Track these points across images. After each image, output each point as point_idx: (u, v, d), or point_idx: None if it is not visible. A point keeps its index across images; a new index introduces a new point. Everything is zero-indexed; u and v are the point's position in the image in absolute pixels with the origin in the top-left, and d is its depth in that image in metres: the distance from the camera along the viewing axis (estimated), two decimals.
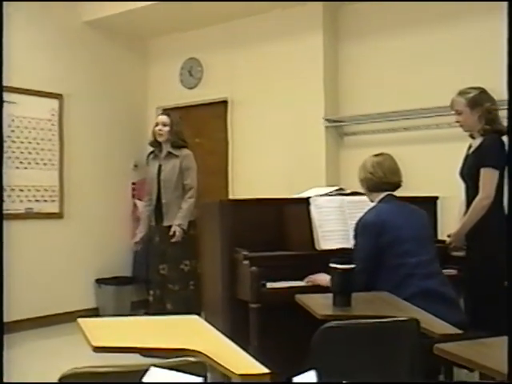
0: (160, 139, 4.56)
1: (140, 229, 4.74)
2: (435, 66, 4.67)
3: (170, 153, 4.56)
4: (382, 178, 3.00)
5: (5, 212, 4.94)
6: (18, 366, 3.93)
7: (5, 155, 5.11)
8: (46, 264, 5.42)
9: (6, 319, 4.65)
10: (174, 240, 4.41)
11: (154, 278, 4.59)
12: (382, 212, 2.93)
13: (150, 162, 4.70)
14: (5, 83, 5.06)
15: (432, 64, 4.69)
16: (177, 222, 4.43)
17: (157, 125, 4.59)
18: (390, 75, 4.92)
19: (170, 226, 4.47)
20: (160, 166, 4.58)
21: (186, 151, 4.58)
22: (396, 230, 2.86)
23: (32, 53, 5.42)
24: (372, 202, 3.08)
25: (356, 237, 2.95)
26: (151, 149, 4.78)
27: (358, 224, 2.95)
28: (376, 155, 3.09)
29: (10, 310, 4.64)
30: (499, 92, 3.09)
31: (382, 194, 3.01)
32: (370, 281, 2.86)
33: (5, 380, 1.68)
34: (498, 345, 1.59)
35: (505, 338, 1.52)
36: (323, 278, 3.01)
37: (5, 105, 4.98)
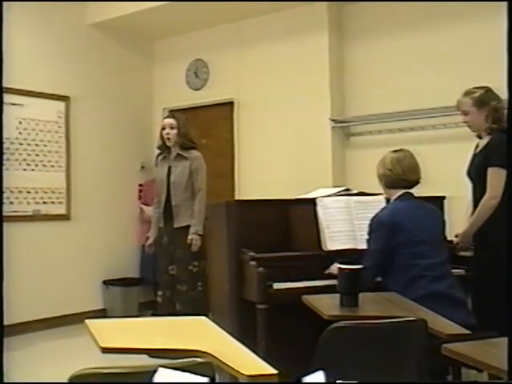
0: (169, 144, 4.54)
1: (151, 232, 4.71)
2: (441, 66, 4.66)
3: (179, 155, 4.53)
4: (401, 175, 2.99)
5: (12, 214, 4.98)
6: (26, 367, 3.95)
7: (12, 157, 5.14)
8: (54, 265, 5.43)
9: (13, 321, 4.68)
10: (193, 250, 4.39)
11: (163, 278, 4.57)
12: (398, 211, 2.93)
13: (159, 163, 4.67)
14: (11, 85, 5.08)
15: (438, 63, 4.68)
16: (192, 229, 4.40)
17: (164, 128, 4.55)
18: (396, 75, 4.91)
19: (179, 228, 4.45)
20: (170, 168, 4.55)
21: (195, 153, 4.55)
22: (410, 231, 2.86)
23: (38, 55, 5.44)
24: (389, 199, 3.08)
25: (370, 233, 2.95)
26: (158, 150, 4.78)
27: (372, 220, 2.95)
28: (395, 151, 3.07)
29: (18, 312, 4.69)
30: (504, 92, 3.07)
31: (400, 192, 3.01)
32: (380, 278, 2.85)
33: (13, 380, 1.69)
34: (505, 345, 1.59)
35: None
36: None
37: (12, 107, 5.01)
